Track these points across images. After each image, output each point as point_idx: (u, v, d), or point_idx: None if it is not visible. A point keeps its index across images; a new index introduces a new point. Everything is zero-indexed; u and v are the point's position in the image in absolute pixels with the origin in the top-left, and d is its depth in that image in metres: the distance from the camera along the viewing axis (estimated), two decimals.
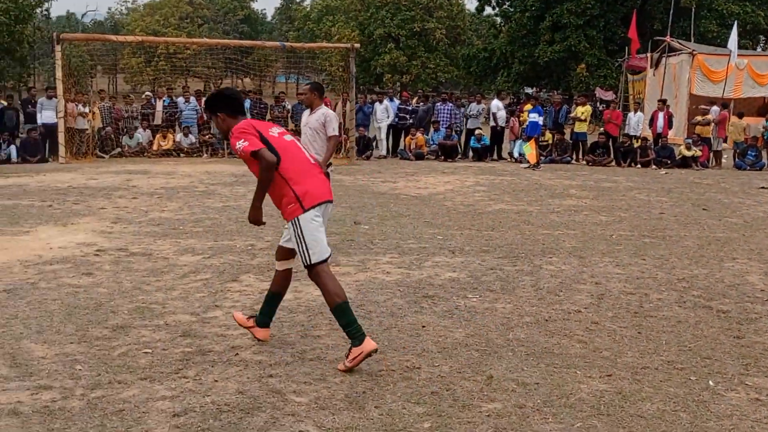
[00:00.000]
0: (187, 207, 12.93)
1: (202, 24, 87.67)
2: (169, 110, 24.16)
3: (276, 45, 29.61)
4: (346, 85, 23.63)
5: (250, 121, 5.60)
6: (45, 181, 16.28)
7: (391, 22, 63.47)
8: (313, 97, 9.63)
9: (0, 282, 7.65)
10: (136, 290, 7.42)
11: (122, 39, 29.07)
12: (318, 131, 9.46)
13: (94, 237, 10.12)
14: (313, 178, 5.56)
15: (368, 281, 7.89)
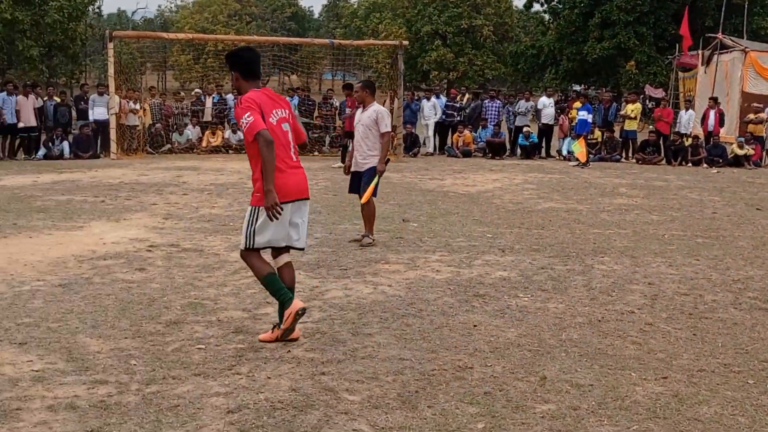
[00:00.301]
0: (237, 203, 13.00)
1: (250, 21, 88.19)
2: (219, 107, 24.36)
3: (325, 42, 29.64)
4: (393, 83, 23.61)
5: (258, 96, 5.65)
6: (97, 176, 16.49)
7: (439, 19, 63.31)
8: (365, 95, 9.73)
9: (56, 276, 7.75)
10: (189, 286, 7.47)
11: (173, 36, 29.40)
12: (370, 128, 9.55)
13: (146, 233, 10.22)
14: (287, 174, 5.71)
15: (418, 279, 7.86)
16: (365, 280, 7.77)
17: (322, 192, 14.55)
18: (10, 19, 25.75)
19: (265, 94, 5.76)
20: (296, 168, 5.85)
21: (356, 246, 9.50)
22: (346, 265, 8.46)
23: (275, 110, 5.73)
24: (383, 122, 9.54)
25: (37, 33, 28.21)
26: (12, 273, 7.83)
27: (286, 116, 5.82)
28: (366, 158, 9.66)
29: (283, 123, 5.77)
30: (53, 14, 28.06)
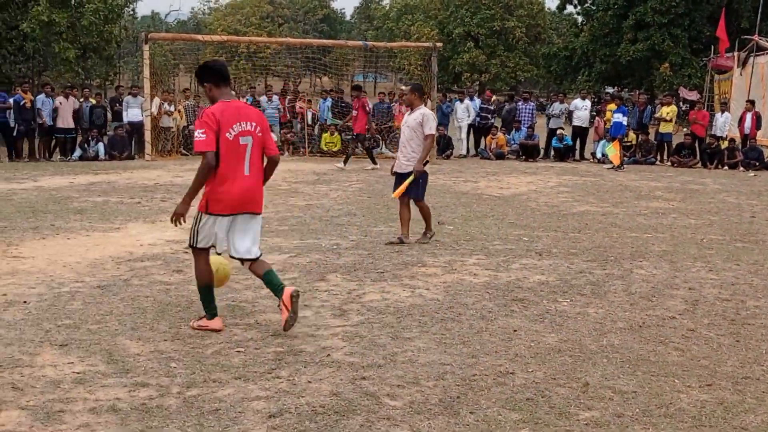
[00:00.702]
0: (272, 205, 13.00)
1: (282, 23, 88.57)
2: None
3: (359, 44, 29.66)
4: (426, 84, 23.54)
5: (220, 111, 5.92)
6: (132, 178, 16.59)
7: (471, 20, 63.17)
8: (414, 98, 9.84)
9: (94, 278, 7.78)
10: (226, 288, 7.45)
11: (208, 39, 29.52)
12: (415, 130, 9.66)
13: (182, 234, 10.19)
14: (235, 186, 6.00)
15: (456, 283, 7.80)
16: (403, 284, 7.73)
17: (356, 194, 14.53)
18: (47, 21, 26.04)
19: (231, 106, 6.00)
20: (247, 181, 6.05)
21: (392, 249, 9.46)
22: (382, 268, 8.42)
23: (237, 124, 5.94)
24: (428, 125, 9.64)
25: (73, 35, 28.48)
26: (51, 274, 7.88)
27: (251, 130, 6.00)
28: (410, 160, 9.78)
29: (242, 137, 5.97)
30: (89, 17, 28.30)
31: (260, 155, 6.13)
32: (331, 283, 7.75)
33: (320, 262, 8.70)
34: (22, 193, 13.98)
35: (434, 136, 9.89)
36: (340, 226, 11.07)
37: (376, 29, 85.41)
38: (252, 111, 6.18)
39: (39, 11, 26.04)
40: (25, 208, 12.12)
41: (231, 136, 5.93)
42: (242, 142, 5.99)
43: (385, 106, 24.45)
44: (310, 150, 23.64)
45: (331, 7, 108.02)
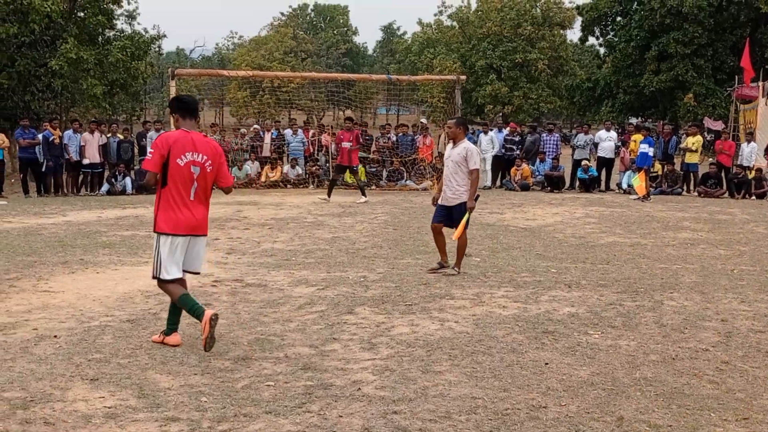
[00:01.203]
0: (298, 238, 13.02)
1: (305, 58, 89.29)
2: (277, 142, 24.55)
3: (383, 78, 29.80)
4: (448, 117, 23.58)
5: (174, 138, 6.52)
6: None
7: (493, 53, 63.34)
8: (458, 132, 10.00)
9: (123, 312, 7.79)
10: (254, 321, 7.46)
11: (233, 74, 29.79)
12: (460, 164, 9.83)
13: (210, 267, 10.26)
14: (179, 211, 6.55)
15: (485, 315, 7.74)
16: (431, 316, 7.68)
17: (382, 226, 14.51)
18: (75, 58, 26.38)
19: (188, 137, 6.57)
20: (192, 207, 6.59)
21: (420, 281, 9.42)
22: (411, 300, 8.38)
23: (188, 153, 6.51)
24: (472, 159, 9.82)
25: (100, 72, 28.81)
26: (81, 308, 7.90)
27: (200, 161, 6.56)
28: (456, 193, 9.92)
29: (193, 165, 6.53)
30: (116, 53, 28.65)
31: (206, 185, 6.66)
32: (360, 316, 7.72)
33: (348, 294, 8.67)
34: (52, 227, 14.08)
35: (479, 170, 10.01)
36: (366, 258, 11.04)
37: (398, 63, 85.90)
38: (207, 145, 6.68)
39: (67, 49, 26.40)
40: (54, 243, 12.19)
41: (182, 163, 6.50)
42: (192, 170, 6.55)
43: (409, 139, 24.51)
44: None
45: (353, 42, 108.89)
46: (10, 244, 11.99)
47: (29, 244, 12.01)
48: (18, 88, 29.34)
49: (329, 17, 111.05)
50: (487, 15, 65.72)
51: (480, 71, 63.97)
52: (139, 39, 31.20)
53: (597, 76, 54.41)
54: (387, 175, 24.10)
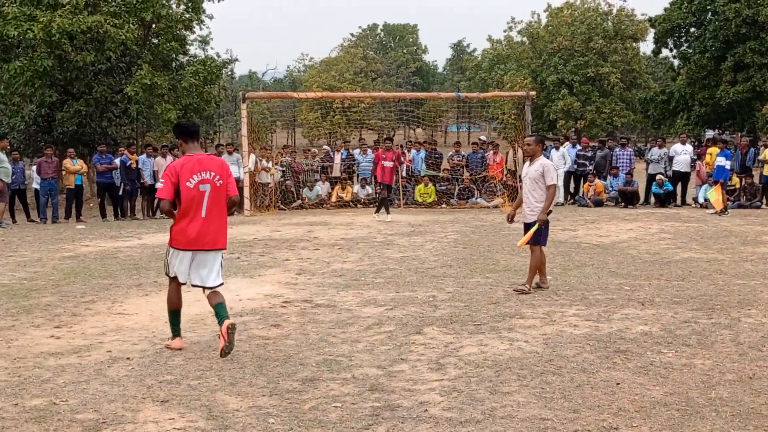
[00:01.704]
0: (367, 258, 13.05)
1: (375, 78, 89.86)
2: (347, 162, 24.71)
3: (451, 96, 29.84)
4: (519, 133, 23.45)
5: (181, 164, 7.11)
6: (231, 234, 16.78)
7: (564, 68, 62.88)
8: (537, 149, 10.12)
9: (194, 333, 7.91)
10: (323, 342, 7.48)
11: (302, 95, 30.07)
12: (537, 181, 9.93)
13: (280, 288, 10.36)
14: (192, 227, 7.12)
15: (556, 335, 7.64)
16: (500, 336, 7.61)
17: (452, 245, 14.46)
18: (150, 84, 26.97)
19: (193, 159, 7.16)
20: (203, 222, 7.14)
21: (489, 300, 9.35)
22: (480, 320, 8.32)
23: (196, 174, 7.09)
24: (549, 175, 9.89)
25: (174, 96, 29.38)
26: (154, 330, 8.04)
27: (209, 178, 7.12)
28: (534, 210, 10.03)
29: (201, 184, 7.10)
30: (189, 78, 29.18)
31: (219, 199, 7.21)
32: (428, 336, 7.69)
33: (416, 314, 8.65)
34: (127, 250, 14.38)
35: (555, 185, 10.05)
36: (435, 278, 11.01)
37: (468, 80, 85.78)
38: (213, 162, 7.25)
39: (142, 75, 27.03)
40: (129, 266, 12.45)
41: (191, 185, 7.08)
42: (201, 188, 7.11)
43: (479, 156, 24.43)
44: (404, 201, 23.73)
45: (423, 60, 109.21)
46: (87, 268, 12.28)
47: (105, 267, 12.29)
48: (95, 114, 30.12)
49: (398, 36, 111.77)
50: (558, 30, 65.35)
51: (551, 86, 63.55)
52: (211, 63, 31.73)
53: (671, 88, 53.53)
54: (457, 193, 24.04)
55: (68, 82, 28.48)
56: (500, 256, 13.11)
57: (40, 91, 27.15)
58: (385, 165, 20.08)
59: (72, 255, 13.85)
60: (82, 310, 9.06)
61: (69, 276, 11.48)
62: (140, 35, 29.57)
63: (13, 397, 5.94)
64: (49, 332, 8.00)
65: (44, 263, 12.86)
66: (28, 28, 25.45)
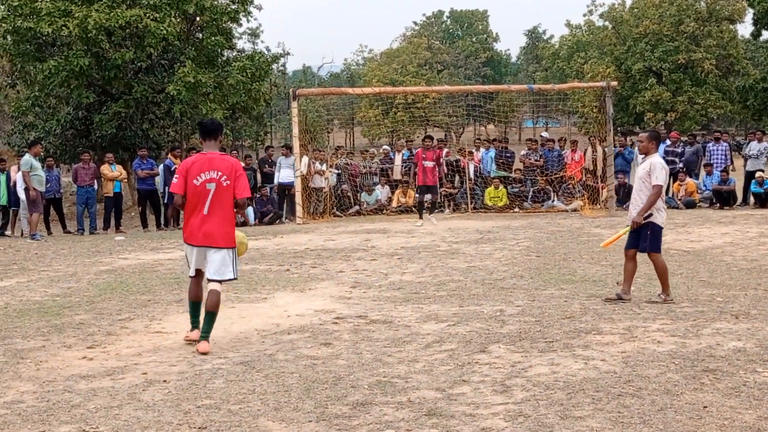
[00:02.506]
0: (429, 268, 13.05)
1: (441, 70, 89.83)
2: (408, 164, 24.72)
3: (523, 88, 29.69)
4: (601, 128, 23.23)
5: (191, 162, 8.26)
6: (282, 243, 17.02)
7: (652, 54, 62.12)
8: (650, 146, 10.16)
9: (237, 353, 7.97)
10: (377, 362, 7.49)
11: (359, 91, 30.13)
12: (644, 180, 9.97)
13: (332, 303, 10.40)
14: (194, 223, 8.17)
15: (636, 352, 7.53)
16: (574, 354, 7.53)
17: (524, 253, 14.38)
18: (194, 82, 27.25)
19: (205, 158, 8.20)
20: (204, 219, 8.13)
21: (563, 315, 9.27)
22: (552, 336, 8.25)
23: (203, 173, 8.10)
24: (654, 174, 9.87)
25: (220, 95, 29.69)
26: (193, 351, 8.12)
27: (215, 177, 8.09)
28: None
29: (208, 183, 8.09)
30: (236, 75, 29.42)
31: (223, 199, 8.13)
32: (494, 354, 7.64)
33: (481, 331, 8.61)
34: (168, 263, 14.60)
35: (661, 186, 9.95)
36: (504, 290, 10.95)
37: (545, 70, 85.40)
38: (224, 162, 8.21)
39: (185, 72, 27.33)
40: (170, 280, 12.63)
41: (198, 182, 8.10)
42: (207, 187, 8.10)
43: (555, 154, 24.24)
44: (473, 206, 23.68)
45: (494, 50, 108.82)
46: (125, 282, 12.49)
47: (144, 282, 12.48)
48: (136, 116, 30.60)
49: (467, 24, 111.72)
50: (644, 12, 64.64)
51: (638, 75, 62.86)
52: (260, 59, 32.02)
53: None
54: (531, 196, 23.91)
55: (106, 82, 28.99)
56: (578, 264, 12.99)
57: (76, 92, 27.64)
58: (425, 165, 20.28)
59: (109, 269, 14.11)
60: (117, 329, 9.21)
61: (105, 292, 11.69)
62: (183, 29, 30.01)
63: (41, 423, 6.06)
64: (82, 353, 8.14)
65: (79, 278, 13.12)
66: (63, 24, 25.95)
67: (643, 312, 9.31)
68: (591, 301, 9.89)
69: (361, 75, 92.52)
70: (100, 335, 8.94)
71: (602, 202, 22.57)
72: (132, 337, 8.83)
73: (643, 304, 9.76)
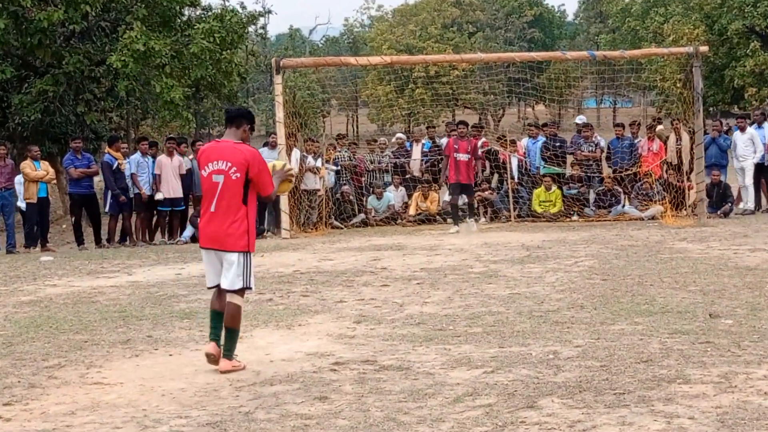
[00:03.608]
0: (459, 297, 13.05)
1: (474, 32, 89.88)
2: (431, 157, 24.66)
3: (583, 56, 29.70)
4: (688, 108, 23.21)
5: (203, 150, 9.48)
6: (263, 264, 17.03)
7: (755, 10, 62.02)
8: None
9: (204, 411, 7.97)
10: (390, 422, 7.48)
11: (364, 62, 30.09)
12: None
13: (329, 344, 10.40)
14: (203, 222, 9.32)
15: (736, 407, 7.51)
16: (653, 410, 7.51)
17: (585, 276, 14.38)
18: (144, 50, 27.07)
19: (219, 146, 9.28)
20: (212, 218, 9.13)
21: (641, 358, 9.25)
22: (622, 386, 8.23)
23: (211, 163, 9.09)
24: None
25: (180, 68, 29.66)
26: (144, 407, 8.13)
27: (223, 169, 9.01)
28: None
29: (215, 174, 9.06)
30: (200, 41, 29.22)
31: (232, 194, 9.02)
32: (545, 411, 7.63)
33: (529, 380, 8.60)
34: (111, 291, 14.63)
35: None
36: (559, 324, 10.95)
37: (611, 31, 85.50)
38: (236, 151, 9.06)
39: (132, 38, 27.17)
40: (114, 314, 12.65)
41: (205, 174, 9.14)
42: (214, 179, 9.06)
43: (626, 144, 24.17)
44: (517, 213, 23.67)
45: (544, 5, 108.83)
46: (53, 317, 12.53)
47: (79, 317, 12.51)
48: (68, 97, 30.54)
49: None
50: None
51: (736, 38, 62.76)
52: (232, 19, 32.03)
53: None
54: (595, 200, 23.89)
55: (28, 51, 29.04)
56: (657, 290, 12.97)
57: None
58: (458, 159, 20.74)
59: (33, 299, 14.16)
60: (44, 380, 9.22)
61: (27, 330, 11.71)
62: None
63: None
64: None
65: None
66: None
67: (744, 353, 9.29)
68: (675, 339, 9.87)
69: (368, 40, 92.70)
70: (20, 388, 8.95)
71: (690, 207, 22.54)
72: (63, 390, 8.83)
73: (745, 343, 9.74)
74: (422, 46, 76.66)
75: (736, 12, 62.82)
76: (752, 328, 10.38)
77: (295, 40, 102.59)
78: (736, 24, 62.34)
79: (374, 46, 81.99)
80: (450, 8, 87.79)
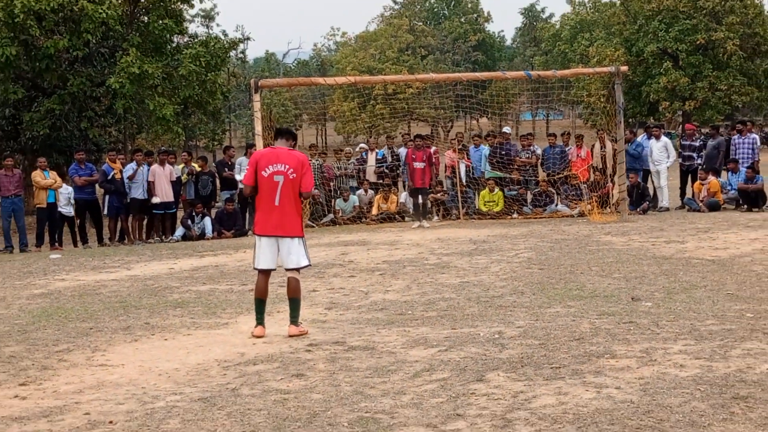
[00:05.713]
0: (417, 285, 13.06)
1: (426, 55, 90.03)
2: (384, 164, 24.68)
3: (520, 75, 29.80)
4: (610, 120, 23.33)
5: (262, 154, 10.33)
6: (245, 259, 16.96)
7: (666, 35, 62.42)
8: None
9: (195, 388, 7.94)
10: (358, 395, 7.47)
11: (331, 81, 30.04)
12: None
13: (306, 327, 10.38)
14: (267, 214, 9.97)
15: (656, 378, 7.55)
16: (585, 382, 7.54)
17: (525, 266, 14.41)
18: (139, 73, 27.15)
19: (274, 152, 10.10)
20: (276, 209, 9.88)
21: (572, 336, 9.28)
22: (558, 361, 8.26)
23: (271, 165, 9.89)
24: None
25: (170, 88, 29.67)
26: (144, 386, 8.09)
27: (283, 170, 9.86)
28: None
29: (276, 175, 9.87)
30: (188, 64, 29.34)
31: (291, 191, 9.89)
32: (492, 384, 7.64)
33: (478, 356, 8.61)
34: (112, 284, 14.55)
35: None
36: (503, 308, 10.98)
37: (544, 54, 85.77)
38: (291, 156, 9.98)
39: (128, 62, 27.26)
40: (115, 304, 12.59)
41: (266, 174, 9.88)
42: (275, 179, 9.85)
43: (557, 150, 24.27)
44: (465, 212, 23.69)
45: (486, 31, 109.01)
46: (62, 308, 12.45)
47: (84, 307, 12.44)
48: (72, 114, 30.47)
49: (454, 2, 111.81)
50: None
51: (651, 59, 63.22)
52: (215, 45, 32.07)
53: None
54: (532, 199, 23.97)
55: (37, 75, 28.93)
56: (587, 278, 13.03)
57: (2, 87, 27.56)
58: (416, 167, 21.87)
59: (44, 292, 14.07)
60: (54, 362, 9.17)
61: (39, 319, 11.64)
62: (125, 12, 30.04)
63: None
64: (13, 391, 8.10)
65: (8, 304, 13.08)
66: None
67: (662, 331, 9.34)
68: (603, 320, 9.90)
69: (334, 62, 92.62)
70: (34, 370, 8.90)
71: (613, 205, 22.64)
72: (72, 371, 8.79)
73: (662, 322, 9.79)
74: (381, 67, 76.61)
75: (651, 36, 63.29)
76: (669, 310, 10.44)
77: (271, 63, 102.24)
78: (652, 47, 62.81)
79: (340, 67, 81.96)
80: (405, 35, 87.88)
